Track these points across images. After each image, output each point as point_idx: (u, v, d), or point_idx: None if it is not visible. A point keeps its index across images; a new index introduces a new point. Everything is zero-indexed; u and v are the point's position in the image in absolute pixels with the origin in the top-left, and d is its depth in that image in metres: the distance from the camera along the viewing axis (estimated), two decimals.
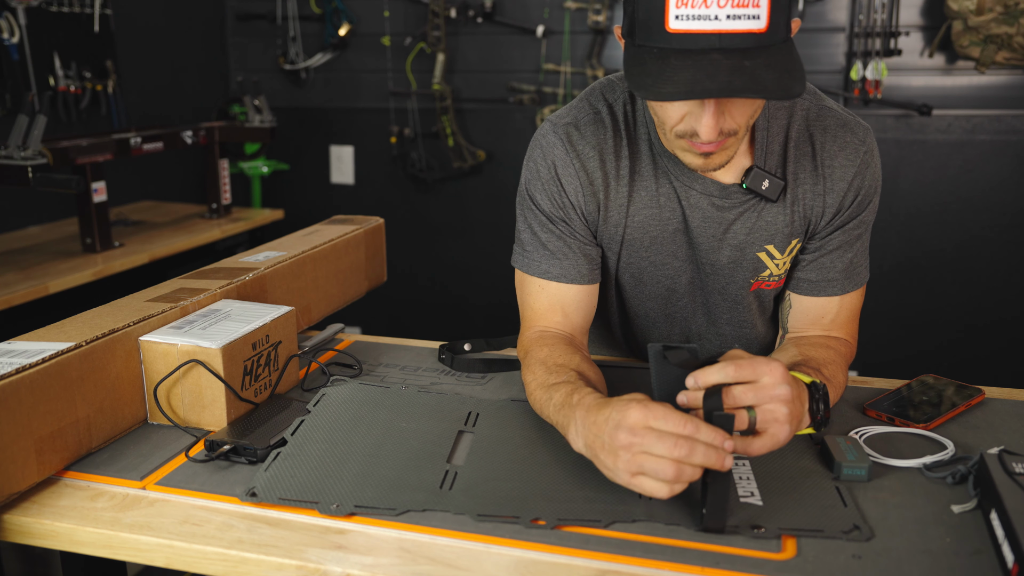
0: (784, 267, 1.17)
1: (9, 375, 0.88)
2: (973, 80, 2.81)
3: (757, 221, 1.13)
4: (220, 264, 1.34)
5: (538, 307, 1.17)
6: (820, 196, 1.11)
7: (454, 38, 3.18)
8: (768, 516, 0.86)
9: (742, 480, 0.92)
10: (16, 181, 2.00)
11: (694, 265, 1.19)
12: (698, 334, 1.28)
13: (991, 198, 2.88)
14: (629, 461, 0.81)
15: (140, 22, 2.99)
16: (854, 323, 1.19)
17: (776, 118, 1.11)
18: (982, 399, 1.14)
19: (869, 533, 0.83)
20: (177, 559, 0.84)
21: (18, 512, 0.89)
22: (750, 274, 1.17)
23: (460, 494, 0.90)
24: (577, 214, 1.14)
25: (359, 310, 2.10)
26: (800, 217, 1.13)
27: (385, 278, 1.67)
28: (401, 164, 3.36)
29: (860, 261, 1.17)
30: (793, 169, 1.11)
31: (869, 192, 1.12)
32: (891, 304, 3.03)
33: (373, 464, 0.96)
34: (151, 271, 2.31)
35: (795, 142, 1.11)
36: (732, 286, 1.19)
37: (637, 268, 1.19)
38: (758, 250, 1.14)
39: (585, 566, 0.80)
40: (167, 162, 3.10)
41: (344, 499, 0.89)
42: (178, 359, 1.04)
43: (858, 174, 1.11)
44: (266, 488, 0.91)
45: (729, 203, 1.12)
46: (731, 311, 1.23)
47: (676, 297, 1.23)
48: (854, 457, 0.94)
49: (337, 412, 1.10)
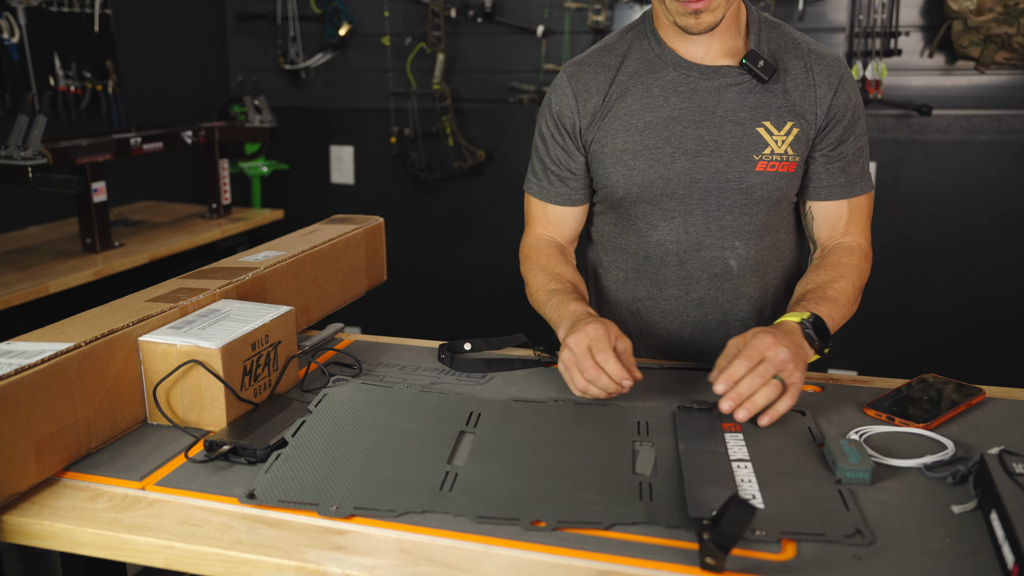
0: (784, 146, 1.29)
1: (8, 376, 0.88)
2: (973, 80, 2.81)
3: (754, 99, 1.29)
4: (219, 264, 1.34)
5: (535, 217, 1.44)
6: (811, 88, 1.29)
7: (454, 38, 3.18)
8: (769, 519, 0.85)
9: (743, 483, 0.92)
10: (16, 181, 2.00)
11: (688, 154, 1.30)
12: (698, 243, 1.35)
13: (991, 198, 2.88)
14: (566, 364, 1.12)
15: (140, 22, 2.99)
16: (867, 226, 1.36)
17: (765, 28, 1.31)
18: (982, 399, 1.14)
19: (871, 537, 0.82)
20: (176, 560, 0.84)
21: (18, 513, 0.89)
22: (751, 149, 1.29)
23: (460, 495, 0.90)
24: (570, 137, 1.36)
25: (359, 310, 2.09)
26: (795, 102, 1.29)
27: (385, 278, 1.67)
28: (401, 164, 3.36)
29: (866, 167, 1.35)
30: (784, 65, 1.30)
31: (859, 102, 1.32)
32: (891, 303, 3.02)
33: (374, 465, 0.96)
34: (151, 271, 2.31)
35: (784, 47, 1.31)
36: (736, 162, 1.29)
37: (630, 154, 1.32)
38: (757, 125, 1.29)
39: (585, 567, 0.79)
40: (167, 162, 3.10)
41: (344, 501, 0.89)
42: (177, 359, 1.04)
43: (844, 78, 1.30)
44: (266, 490, 0.91)
45: (726, 81, 1.29)
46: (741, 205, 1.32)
47: (673, 187, 1.32)
48: (857, 460, 0.93)
49: (338, 413, 1.09)
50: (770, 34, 1.31)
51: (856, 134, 1.32)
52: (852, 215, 1.35)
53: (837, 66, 1.30)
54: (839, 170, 1.32)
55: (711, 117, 1.29)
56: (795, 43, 1.32)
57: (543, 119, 1.40)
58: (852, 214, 1.35)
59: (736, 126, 1.29)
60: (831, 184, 1.33)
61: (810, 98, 1.29)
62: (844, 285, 1.25)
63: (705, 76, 1.30)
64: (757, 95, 1.29)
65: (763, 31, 1.31)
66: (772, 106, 1.29)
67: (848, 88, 1.30)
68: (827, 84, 1.29)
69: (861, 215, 1.35)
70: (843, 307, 1.23)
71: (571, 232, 1.45)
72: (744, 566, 0.78)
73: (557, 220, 1.43)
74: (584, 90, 1.34)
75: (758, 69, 1.26)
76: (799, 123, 1.29)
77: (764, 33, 1.31)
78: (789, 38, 1.32)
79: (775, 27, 1.33)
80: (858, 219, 1.35)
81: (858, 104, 1.32)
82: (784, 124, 1.29)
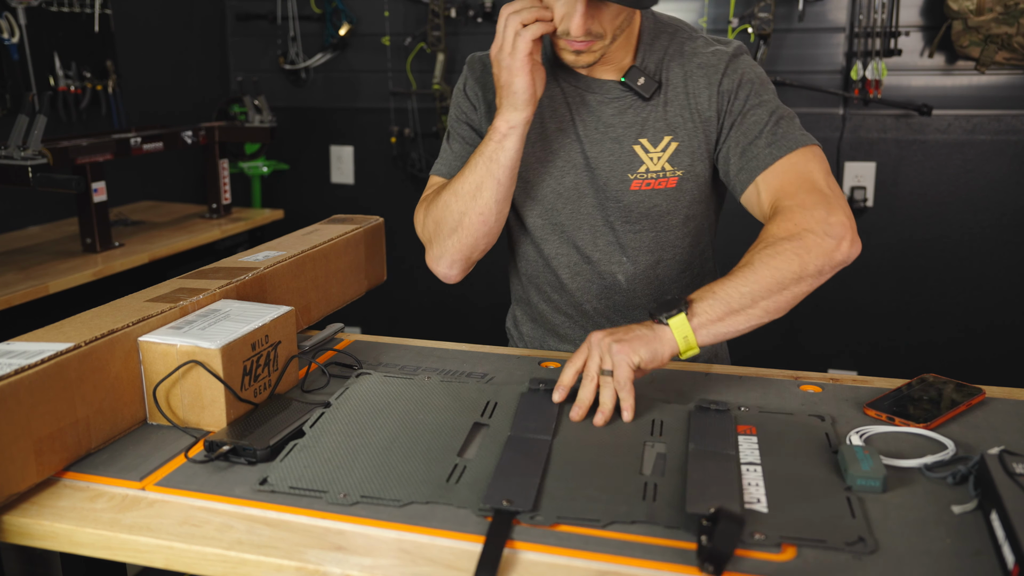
0: (660, 163, 1.29)
1: (8, 376, 0.88)
2: (973, 80, 2.81)
3: (633, 116, 1.29)
4: (219, 264, 1.34)
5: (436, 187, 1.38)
6: (689, 97, 1.27)
7: (454, 38, 3.18)
8: (771, 523, 0.84)
9: (750, 487, 0.91)
10: (16, 181, 2.00)
11: (575, 168, 1.32)
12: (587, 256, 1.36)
13: (991, 198, 2.88)
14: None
15: (140, 22, 2.99)
16: (799, 186, 1.17)
17: (659, 37, 1.30)
18: (982, 398, 1.14)
19: (874, 546, 0.80)
20: (176, 560, 0.84)
21: (17, 513, 0.89)
22: (627, 167, 1.29)
23: (465, 488, 0.91)
24: (477, 115, 1.37)
25: (359, 310, 2.09)
26: (673, 116, 1.28)
27: (385, 277, 1.67)
28: (401, 164, 3.36)
29: (782, 131, 1.22)
30: (667, 76, 1.29)
31: (745, 80, 1.26)
32: (891, 303, 3.02)
33: (385, 457, 0.98)
34: (151, 271, 2.31)
35: (670, 56, 1.29)
36: (613, 180, 1.30)
37: (524, 165, 1.32)
38: (633, 143, 1.29)
39: (585, 567, 0.79)
40: (167, 162, 3.10)
41: (352, 490, 0.91)
42: (177, 359, 1.04)
43: (728, 69, 1.26)
44: (279, 478, 0.93)
45: (608, 98, 1.30)
46: (623, 222, 1.32)
47: (563, 201, 1.34)
48: (869, 467, 0.90)
49: (358, 404, 1.12)
50: (661, 43, 1.29)
51: (755, 109, 1.24)
52: (772, 184, 1.20)
53: (720, 60, 1.26)
54: (744, 148, 1.23)
55: (594, 133, 1.30)
56: (681, 50, 1.29)
57: (451, 103, 1.43)
58: (772, 183, 1.20)
59: (615, 143, 1.29)
60: (742, 165, 1.23)
61: (690, 107, 1.27)
62: (749, 257, 1.09)
63: (590, 90, 1.30)
64: (636, 111, 1.29)
65: (653, 42, 1.29)
66: (649, 122, 1.28)
67: (734, 74, 1.25)
68: (707, 89, 1.26)
69: (785, 179, 1.19)
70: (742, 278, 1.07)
71: None
72: (744, 566, 0.78)
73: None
74: (483, 86, 1.36)
75: (638, 87, 1.27)
76: (677, 136, 1.28)
77: (655, 44, 1.29)
78: (678, 44, 1.29)
79: (668, 33, 1.30)
80: (779, 184, 1.19)
81: (752, 82, 1.25)
82: (660, 140, 1.28)
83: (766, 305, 1.07)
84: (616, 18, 1.17)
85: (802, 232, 1.10)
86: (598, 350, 1.07)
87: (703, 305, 1.07)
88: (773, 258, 1.08)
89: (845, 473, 0.92)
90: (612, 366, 1.05)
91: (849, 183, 2.95)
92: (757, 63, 1.31)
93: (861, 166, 2.94)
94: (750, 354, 1.46)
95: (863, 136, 2.93)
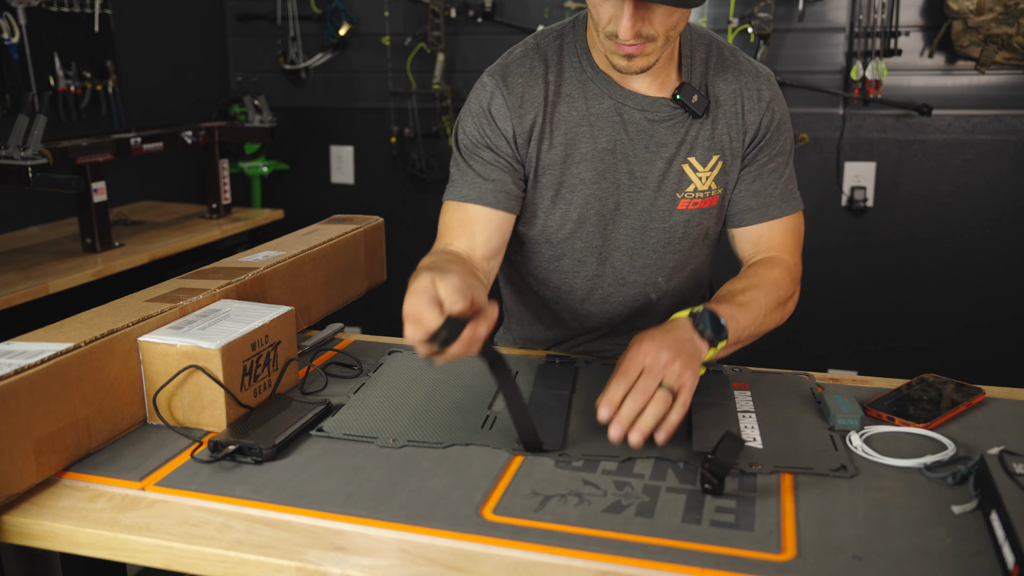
0: (708, 182, 1.27)
1: (8, 376, 0.88)
2: (973, 80, 2.80)
3: (685, 135, 1.25)
4: (219, 264, 1.34)
5: (449, 223, 1.26)
6: (739, 116, 1.26)
7: (454, 38, 3.18)
8: (766, 456, 0.98)
9: (747, 429, 1.05)
10: (16, 181, 2.00)
11: (619, 189, 1.27)
12: (622, 278, 1.34)
13: (991, 198, 2.88)
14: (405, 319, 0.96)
15: (140, 22, 2.99)
16: (796, 246, 1.31)
17: (696, 50, 1.26)
18: (982, 398, 1.14)
19: (854, 471, 0.94)
20: (176, 560, 0.84)
21: (17, 513, 0.89)
22: (675, 187, 1.27)
23: (499, 433, 1.05)
24: (505, 140, 1.25)
25: (359, 310, 2.09)
26: (721, 135, 1.26)
27: (385, 277, 1.67)
28: (401, 164, 3.36)
29: (791, 188, 1.30)
30: (714, 92, 1.26)
31: (783, 120, 1.28)
32: (891, 303, 3.02)
33: (424, 411, 1.11)
34: (151, 271, 2.31)
35: (713, 71, 1.26)
36: (661, 200, 1.27)
37: (568, 187, 1.27)
38: (682, 162, 1.26)
39: (585, 567, 0.79)
40: (167, 162, 3.10)
41: (399, 435, 1.04)
42: (177, 359, 1.04)
43: (773, 99, 1.27)
44: (333, 426, 1.06)
45: (660, 115, 1.24)
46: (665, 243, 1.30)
47: (605, 222, 1.29)
48: (848, 410, 1.07)
49: (394, 374, 1.24)
50: (699, 54, 1.26)
51: (783, 154, 1.28)
52: (777, 235, 1.29)
53: (767, 85, 1.26)
54: (762, 191, 1.28)
55: (643, 152, 1.25)
56: (724, 64, 1.26)
57: (466, 124, 1.26)
58: (776, 234, 1.29)
59: (664, 163, 1.25)
60: (754, 206, 1.28)
61: (738, 127, 1.26)
62: (756, 294, 1.17)
63: (639, 108, 1.23)
64: (687, 129, 1.24)
65: (693, 53, 1.25)
66: (699, 140, 1.25)
67: (777, 107, 1.27)
68: (757, 109, 1.25)
69: (786, 235, 1.29)
70: (751, 313, 1.14)
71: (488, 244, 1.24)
72: (745, 566, 0.78)
73: (471, 229, 1.24)
74: (517, 104, 1.23)
75: (692, 105, 1.22)
76: (724, 155, 1.26)
77: (695, 56, 1.25)
78: (718, 57, 1.26)
79: (704, 44, 1.27)
80: (783, 239, 1.29)
81: (787, 123, 1.29)
82: (709, 159, 1.26)
83: (743, 344, 1.16)
84: (668, 19, 1.09)
85: (789, 299, 1.25)
86: (656, 366, 0.98)
87: (730, 336, 1.10)
88: (773, 312, 1.20)
89: (828, 415, 1.07)
90: (674, 386, 0.98)
91: (849, 183, 2.95)
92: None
93: (861, 166, 2.94)
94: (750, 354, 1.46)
95: (863, 136, 2.93)
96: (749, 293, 1.17)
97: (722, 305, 1.11)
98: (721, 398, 1.14)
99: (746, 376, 1.22)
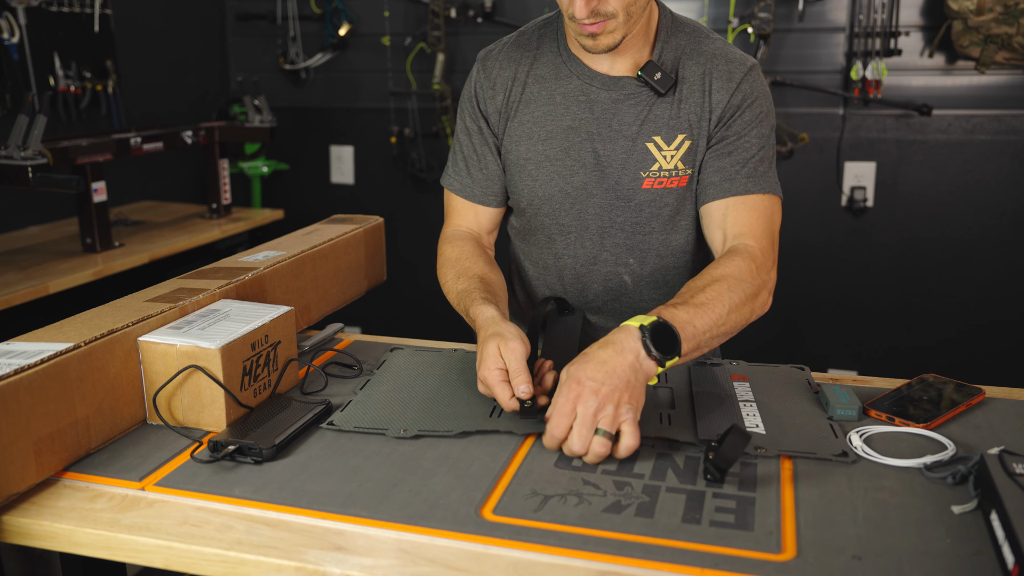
0: (674, 161, 1.27)
1: (8, 376, 0.88)
2: (973, 80, 2.80)
3: (648, 113, 1.27)
4: (219, 264, 1.34)
5: (454, 206, 1.42)
6: (706, 95, 1.26)
7: (454, 38, 3.18)
8: (769, 441, 1.02)
9: (748, 416, 1.09)
10: (16, 181, 2.00)
11: (585, 167, 1.30)
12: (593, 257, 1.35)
13: (991, 198, 2.88)
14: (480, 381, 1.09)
15: (140, 22, 2.99)
16: (767, 230, 1.23)
17: (676, 35, 1.28)
18: (982, 398, 1.14)
19: (854, 458, 0.97)
20: (176, 560, 0.84)
21: (17, 513, 0.89)
22: (640, 165, 1.28)
23: (505, 419, 1.07)
24: (486, 120, 1.36)
25: (359, 310, 2.10)
26: (687, 113, 1.26)
27: (385, 277, 1.67)
28: (401, 164, 3.36)
29: (763, 170, 1.26)
30: (683, 74, 1.27)
31: (756, 103, 1.26)
32: (891, 303, 3.02)
33: (432, 402, 1.14)
34: (151, 271, 2.31)
35: (688, 53, 1.28)
36: (625, 179, 1.29)
37: (533, 164, 1.32)
38: (647, 140, 1.27)
39: (585, 567, 0.79)
40: (167, 162, 3.10)
41: (410, 426, 1.06)
42: (177, 359, 1.04)
43: (744, 80, 1.25)
44: (343, 420, 1.08)
45: (624, 95, 1.27)
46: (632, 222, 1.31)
47: (571, 202, 1.32)
48: (847, 400, 1.10)
49: (398, 370, 1.26)
50: (678, 41, 1.28)
51: (752, 134, 1.25)
52: (743, 215, 1.24)
53: (740, 68, 1.26)
54: (728, 167, 1.25)
55: (607, 130, 1.28)
56: (699, 49, 1.27)
57: (464, 111, 1.39)
58: (743, 214, 1.24)
59: (628, 141, 1.27)
60: (717, 181, 1.26)
61: (705, 105, 1.25)
62: (718, 291, 1.10)
63: (604, 87, 1.27)
64: (651, 108, 1.26)
65: (670, 38, 1.27)
66: (664, 119, 1.26)
67: (748, 88, 1.25)
68: (725, 88, 1.25)
69: (753, 216, 1.23)
70: (712, 313, 1.07)
71: (491, 223, 1.42)
72: (745, 566, 0.78)
73: (476, 212, 1.41)
74: (491, 86, 1.34)
75: (654, 82, 1.24)
76: (690, 135, 1.26)
77: (671, 40, 1.27)
78: (696, 43, 1.28)
79: (686, 32, 1.29)
80: (749, 220, 1.23)
81: (761, 106, 1.26)
82: (674, 138, 1.26)
83: (709, 346, 1.09)
84: None
85: (759, 292, 1.16)
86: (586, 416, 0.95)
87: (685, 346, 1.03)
88: (739, 309, 1.12)
89: (827, 406, 1.10)
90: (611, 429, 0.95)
91: (849, 183, 2.95)
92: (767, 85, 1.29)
93: (861, 166, 2.94)
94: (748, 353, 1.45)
95: (863, 136, 2.93)
96: (710, 291, 1.10)
97: (679, 309, 1.06)
98: (722, 389, 1.17)
99: (744, 369, 1.26)
